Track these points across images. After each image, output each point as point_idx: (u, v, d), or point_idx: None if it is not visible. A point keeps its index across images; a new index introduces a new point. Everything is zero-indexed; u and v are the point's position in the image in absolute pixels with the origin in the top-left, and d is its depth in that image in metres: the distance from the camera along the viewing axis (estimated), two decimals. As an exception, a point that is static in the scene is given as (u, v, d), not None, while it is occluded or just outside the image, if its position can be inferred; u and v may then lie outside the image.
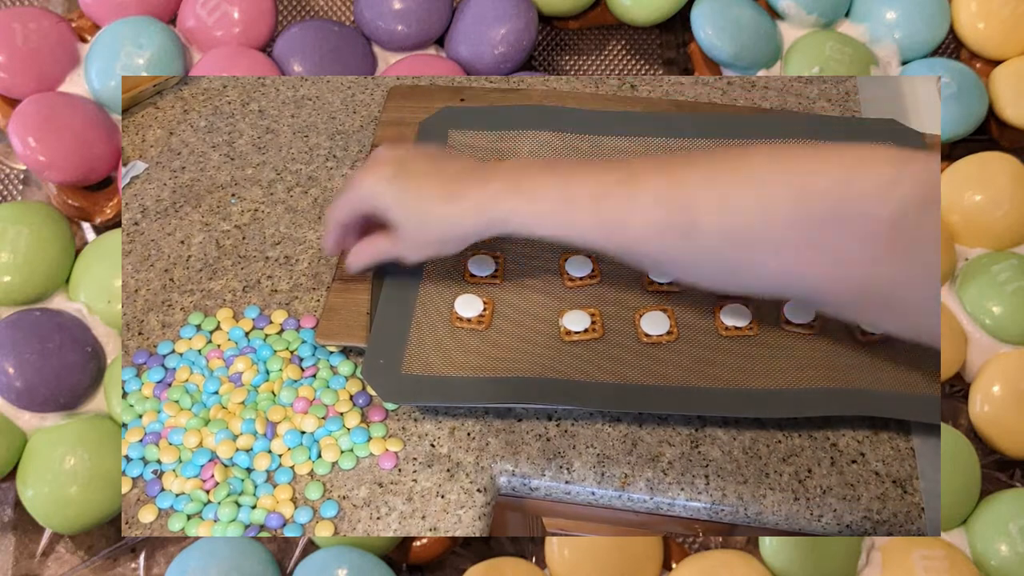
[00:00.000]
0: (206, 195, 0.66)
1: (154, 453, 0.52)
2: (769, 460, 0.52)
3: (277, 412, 0.53)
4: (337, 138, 0.70)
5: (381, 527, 0.50)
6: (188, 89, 0.73)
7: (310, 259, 0.62)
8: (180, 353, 0.57)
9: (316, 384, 0.54)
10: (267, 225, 0.64)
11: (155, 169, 0.68)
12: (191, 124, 0.71)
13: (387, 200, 0.47)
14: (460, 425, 0.54)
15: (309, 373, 0.55)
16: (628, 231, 0.44)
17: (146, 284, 0.60)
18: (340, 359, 0.56)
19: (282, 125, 0.71)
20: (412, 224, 0.48)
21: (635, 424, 0.54)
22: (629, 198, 0.44)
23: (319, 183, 0.66)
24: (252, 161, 0.68)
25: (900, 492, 0.51)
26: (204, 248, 0.63)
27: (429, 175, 0.47)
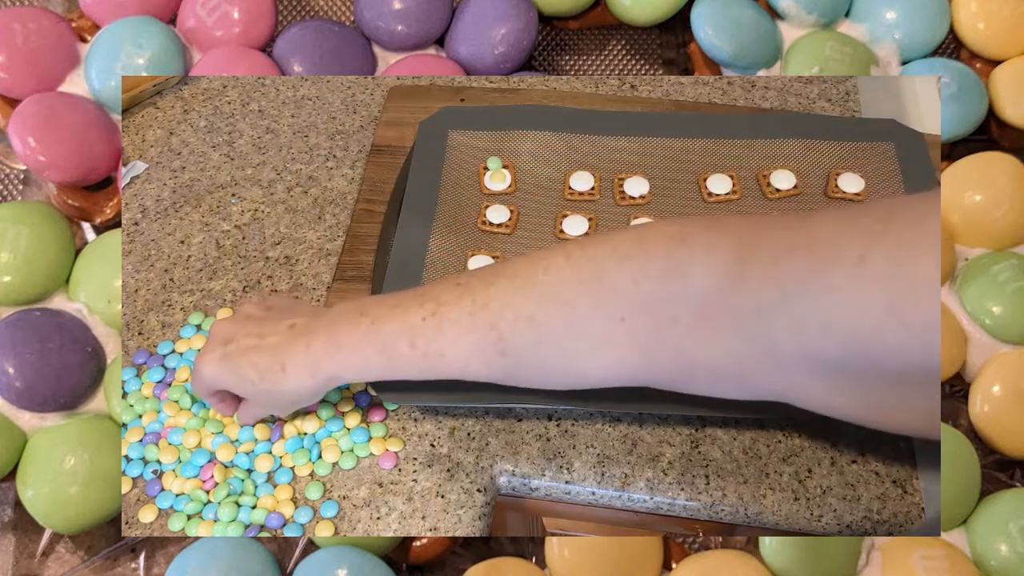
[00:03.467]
0: (206, 195, 0.66)
1: (154, 453, 0.52)
2: (769, 460, 0.52)
3: None
4: (337, 138, 0.70)
5: (381, 527, 0.50)
6: (188, 89, 0.73)
7: (310, 259, 0.62)
8: (180, 353, 0.57)
9: None
10: (267, 225, 0.64)
11: (155, 169, 0.68)
12: (191, 124, 0.71)
13: (228, 381, 0.48)
14: (460, 425, 0.54)
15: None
16: (449, 360, 0.44)
17: (146, 284, 0.60)
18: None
19: (282, 125, 0.71)
20: (262, 400, 0.48)
21: (635, 424, 0.54)
22: (439, 331, 0.44)
23: (319, 183, 0.66)
24: (252, 161, 0.68)
25: (900, 492, 0.51)
26: (204, 248, 0.63)
27: (256, 349, 0.46)
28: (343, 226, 0.64)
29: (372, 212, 0.62)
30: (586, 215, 0.60)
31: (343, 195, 0.66)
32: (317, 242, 0.63)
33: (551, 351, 0.43)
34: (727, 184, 0.62)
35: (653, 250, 0.40)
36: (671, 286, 0.39)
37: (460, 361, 0.44)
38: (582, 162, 0.64)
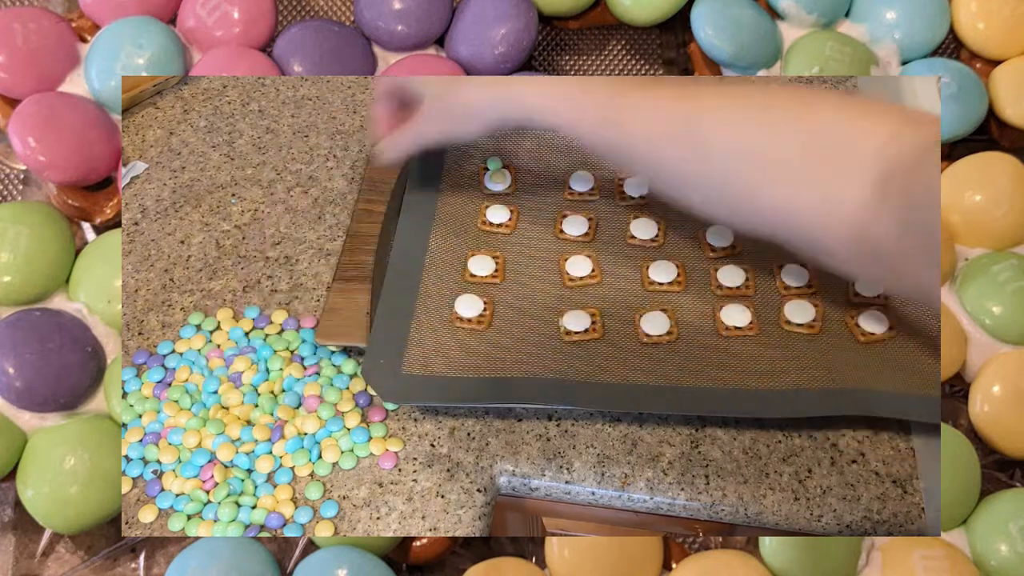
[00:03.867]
0: (206, 195, 0.66)
1: (154, 453, 0.52)
2: (769, 460, 0.52)
3: (285, 411, 0.53)
4: (337, 138, 0.70)
5: (381, 527, 0.50)
6: (188, 89, 0.73)
7: (310, 259, 0.62)
8: (180, 353, 0.57)
9: (321, 381, 0.54)
10: (267, 225, 0.64)
11: (155, 169, 0.68)
12: (191, 124, 0.71)
13: (416, 82, 0.52)
14: (460, 425, 0.54)
15: (312, 371, 0.55)
16: (637, 134, 0.45)
17: (146, 284, 0.60)
18: (342, 358, 0.56)
19: (282, 125, 0.71)
20: (438, 94, 0.51)
21: (635, 424, 0.54)
22: (644, 98, 0.45)
23: (319, 183, 0.66)
24: (252, 161, 0.68)
25: (900, 492, 0.51)
26: (204, 248, 0.63)
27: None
28: (343, 226, 0.64)
29: (372, 212, 0.62)
30: (586, 215, 0.61)
31: (343, 195, 0.66)
32: (317, 242, 0.63)
33: (737, 165, 0.44)
34: (727, 184, 0.62)
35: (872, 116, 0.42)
36: (872, 154, 0.41)
37: (649, 135, 0.45)
38: (582, 162, 0.64)
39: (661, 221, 0.60)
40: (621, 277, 0.57)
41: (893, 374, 0.52)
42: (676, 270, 0.57)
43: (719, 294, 0.56)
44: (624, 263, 0.58)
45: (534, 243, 0.59)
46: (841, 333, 0.54)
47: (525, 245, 0.59)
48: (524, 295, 0.56)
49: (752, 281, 0.57)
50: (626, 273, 0.58)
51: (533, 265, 0.58)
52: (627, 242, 0.59)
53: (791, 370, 0.52)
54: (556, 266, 0.58)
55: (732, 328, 0.54)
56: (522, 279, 0.57)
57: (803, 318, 0.54)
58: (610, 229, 0.60)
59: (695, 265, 0.58)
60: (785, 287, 0.56)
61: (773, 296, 0.56)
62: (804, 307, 0.55)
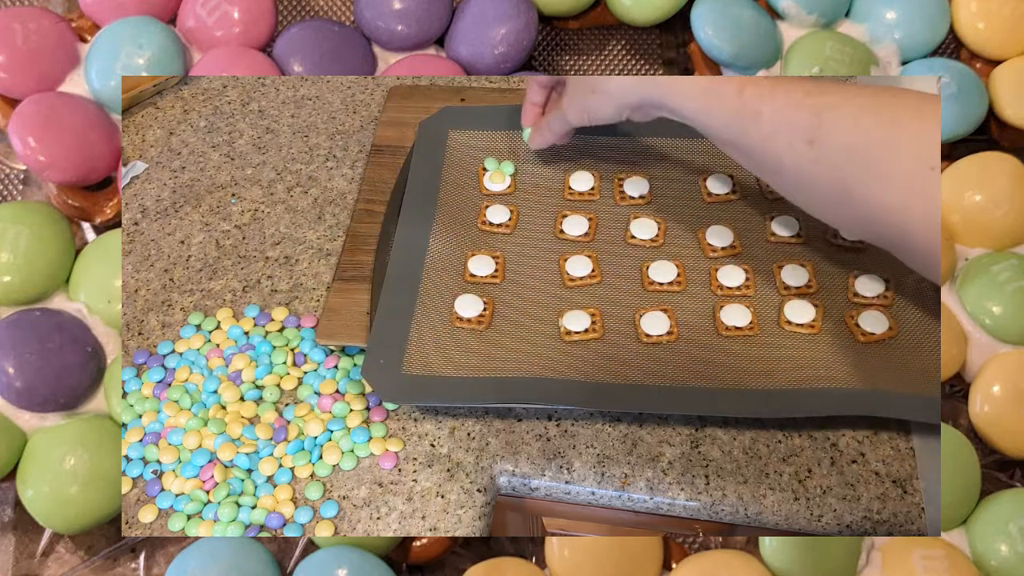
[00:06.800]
0: (206, 195, 0.66)
1: (154, 453, 0.52)
2: (769, 460, 0.52)
3: (302, 407, 0.53)
4: (337, 138, 0.70)
5: (381, 527, 0.50)
6: (188, 89, 0.73)
7: (310, 259, 0.62)
8: (180, 353, 0.57)
9: (339, 376, 0.55)
10: (267, 225, 0.64)
11: (155, 169, 0.68)
12: (191, 124, 0.71)
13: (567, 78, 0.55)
14: (460, 425, 0.54)
15: (331, 364, 0.55)
16: (762, 125, 0.46)
17: (146, 284, 0.60)
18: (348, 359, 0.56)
19: (282, 125, 0.71)
20: (581, 84, 0.54)
21: (635, 424, 0.54)
22: (771, 90, 0.46)
23: (319, 183, 0.66)
24: (252, 161, 0.68)
25: (900, 492, 0.51)
26: (204, 248, 0.63)
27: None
28: (343, 226, 0.64)
29: (372, 212, 0.62)
30: (586, 215, 0.61)
31: (343, 195, 0.66)
32: (317, 242, 0.63)
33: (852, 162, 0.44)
34: (727, 184, 0.62)
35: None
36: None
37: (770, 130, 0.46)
38: (582, 162, 0.64)
39: (661, 221, 0.60)
40: (621, 277, 0.57)
41: (893, 374, 0.52)
42: (676, 270, 0.57)
43: (719, 294, 0.56)
44: (624, 263, 0.58)
45: (534, 243, 0.59)
46: (841, 333, 0.54)
47: (525, 245, 0.59)
48: (524, 295, 0.56)
49: (752, 281, 0.57)
50: (626, 273, 0.58)
51: (533, 265, 0.58)
52: (627, 242, 0.59)
53: (791, 370, 0.52)
54: (556, 266, 0.58)
55: (732, 328, 0.54)
56: (522, 279, 0.57)
57: (803, 318, 0.54)
58: (610, 229, 0.60)
59: (695, 265, 0.58)
60: (785, 287, 0.56)
61: (773, 296, 0.56)
62: (804, 307, 0.55)
